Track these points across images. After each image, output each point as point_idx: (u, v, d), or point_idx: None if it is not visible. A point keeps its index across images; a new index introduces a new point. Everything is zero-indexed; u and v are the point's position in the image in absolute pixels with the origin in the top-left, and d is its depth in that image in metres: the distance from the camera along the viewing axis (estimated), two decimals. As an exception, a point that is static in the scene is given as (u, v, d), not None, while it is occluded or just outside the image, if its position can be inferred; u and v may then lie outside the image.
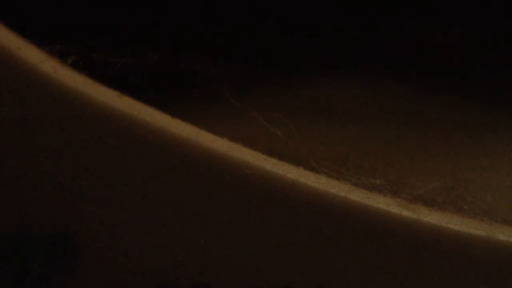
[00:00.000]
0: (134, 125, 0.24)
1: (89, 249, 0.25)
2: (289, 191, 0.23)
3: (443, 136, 0.35)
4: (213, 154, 0.24)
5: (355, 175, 0.25)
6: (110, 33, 0.36)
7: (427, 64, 0.39)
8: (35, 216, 0.26)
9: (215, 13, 0.39)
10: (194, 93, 0.35)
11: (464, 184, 0.32)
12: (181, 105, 0.27)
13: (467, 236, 0.23)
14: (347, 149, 0.33)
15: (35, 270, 0.26)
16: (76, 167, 0.25)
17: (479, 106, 0.37)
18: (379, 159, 0.33)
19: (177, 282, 0.25)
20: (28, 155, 0.25)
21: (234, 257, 0.24)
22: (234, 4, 0.39)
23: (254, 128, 0.30)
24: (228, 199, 0.24)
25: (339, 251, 0.24)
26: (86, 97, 0.24)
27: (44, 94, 0.25)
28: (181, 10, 0.39)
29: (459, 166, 0.33)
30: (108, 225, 0.25)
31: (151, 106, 0.24)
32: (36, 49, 0.25)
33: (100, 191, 0.25)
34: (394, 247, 0.23)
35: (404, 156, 0.34)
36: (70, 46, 0.26)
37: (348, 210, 0.23)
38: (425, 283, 0.23)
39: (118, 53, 0.30)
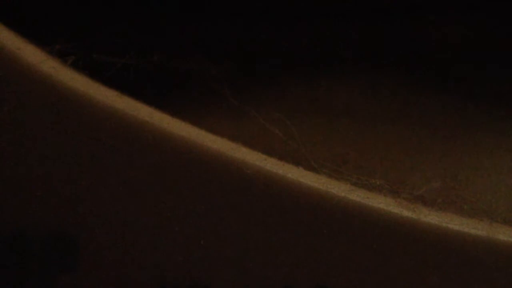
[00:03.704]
0: (134, 125, 0.24)
1: (89, 249, 0.25)
2: (289, 191, 0.23)
3: (443, 136, 0.35)
4: (213, 154, 0.24)
5: (355, 175, 0.25)
6: (110, 33, 0.36)
7: (427, 64, 0.39)
8: (35, 216, 0.26)
9: (215, 13, 0.39)
10: (194, 93, 0.35)
11: (464, 184, 0.32)
12: (181, 105, 0.27)
13: (467, 236, 0.23)
14: (347, 149, 0.33)
15: (35, 270, 0.26)
16: (76, 167, 0.25)
17: (479, 106, 0.37)
18: (379, 159, 0.33)
19: (177, 282, 0.25)
20: (28, 155, 0.25)
21: (234, 257, 0.24)
22: (234, 4, 0.39)
23: (254, 128, 0.30)
24: (228, 199, 0.24)
25: (339, 251, 0.24)
26: (86, 97, 0.24)
27: (44, 94, 0.25)
28: (181, 10, 0.39)
29: (459, 166, 0.33)
30: (108, 225, 0.25)
31: (151, 106, 0.24)
32: (36, 49, 0.25)
33: (100, 191, 0.25)
34: (394, 247, 0.23)
35: (404, 156, 0.34)
36: (70, 46, 0.26)
37: (348, 210, 0.23)
38: (425, 283, 0.23)
39: (118, 53, 0.30)
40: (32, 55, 0.25)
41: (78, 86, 0.24)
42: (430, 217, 0.23)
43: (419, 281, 0.24)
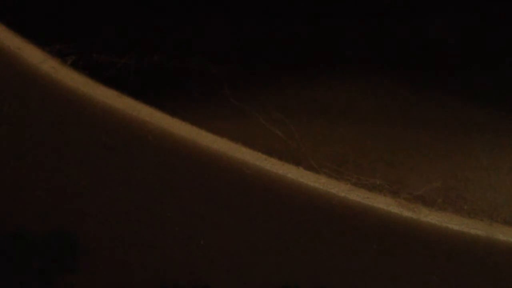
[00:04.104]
0: (134, 125, 0.24)
1: (89, 249, 0.25)
2: (289, 191, 0.23)
3: (444, 136, 0.35)
4: (213, 154, 0.24)
5: (355, 175, 0.25)
6: (110, 33, 0.36)
7: (427, 64, 0.39)
8: (35, 216, 0.26)
9: (215, 13, 0.39)
10: (194, 93, 0.35)
11: (464, 184, 0.32)
12: (181, 105, 0.27)
13: (467, 236, 0.23)
14: (347, 149, 0.33)
15: (35, 270, 0.26)
16: (76, 167, 0.25)
17: (479, 106, 0.37)
18: (379, 159, 0.33)
19: (177, 282, 0.25)
20: (28, 155, 0.25)
21: (234, 257, 0.24)
22: (234, 4, 0.39)
23: (254, 128, 0.30)
24: (228, 199, 0.24)
25: (339, 251, 0.24)
26: (86, 97, 0.24)
27: (44, 94, 0.25)
28: (181, 10, 0.39)
29: (459, 166, 0.33)
30: (108, 225, 0.25)
31: (151, 106, 0.24)
32: (36, 49, 0.25)
33: (100, 191, 0.25)
34: (394, 247, 0.23)
35: (404, 156, 0.34)
36: (70, 46, 0.26)
37: (348, 210, 0.23)
38: (425, 283, 0.23)
39: (118, 53, 0.30)
40: (32, 55, 0.25)
41: (78, 86, 0.24)
42: (430, 217, 0.23)
43: (419, 281, 0.24)
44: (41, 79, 0.25)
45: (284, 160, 0.24)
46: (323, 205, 0.23)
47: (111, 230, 0.25)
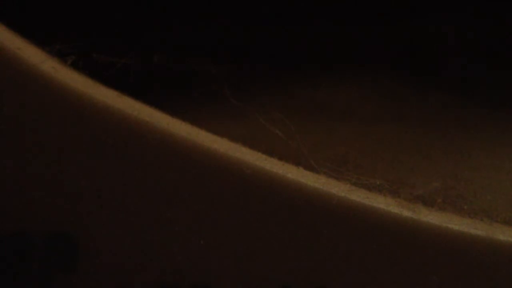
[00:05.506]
0: (134, 125, 0.24)
1: (89, 249, 0.25)
2: (289, 191, 0.23)
3: (443, 136, 0.35)
4: (213, 154, 0.24)
5: (355, 175, 0.25)
6: (110, 33, 0.36)
7: (427, 64, 0.39)
8: (35, 216, 0.26)
9: (215, 13, 0.39)
10: (194, 93, 0.35)
11: (464, 184, 0.32)
12: (181, 105, 0.27)
13: (467, 236, 0.23)
14: (347, 149, 0.33)
15: (35, 270, 0.26)
16: (76, 167, 0.25)
17: (479, 106, 0.37)
18: (379, 159, 0.33)
19: (177, 282, 0.25)
20: (28, 155, 0.25)
21: (234, 257, 0.24)
22: (234, 5, 0.39)
23: (254, 128, 0.30)
24: (228, 199, 0.24)
25: (339, 251, 0.24)
26: (86, 97, 0.24)
27: (44, 94, 0.25)
28: (181, 10, 0.39)
29: (459, 166, 0.33)
30: (108, 225, 0.25)
31: (151, 106, 0.24)
32: (36, 49, 0.25)
33: (100, 191, 0.25)
34: (394, 247, 0.23)
35: (404, 156, 0.34)
36: (70, 46, 0.26)
37: (348, 210, 0.23)
38: (425, 283, 0.23)
39: (118, 53, 0.30)
40: (32, 55, 0.25)
41: (78, 86, 0.24)
42: (430, 217, 0.23)
43: (419, 281, 0.24)
44: (41, 79, 0.25)
45: (284, 160, 0.24)
46: (323, 205, 0.23)
47: (111, 230, 0.25)
